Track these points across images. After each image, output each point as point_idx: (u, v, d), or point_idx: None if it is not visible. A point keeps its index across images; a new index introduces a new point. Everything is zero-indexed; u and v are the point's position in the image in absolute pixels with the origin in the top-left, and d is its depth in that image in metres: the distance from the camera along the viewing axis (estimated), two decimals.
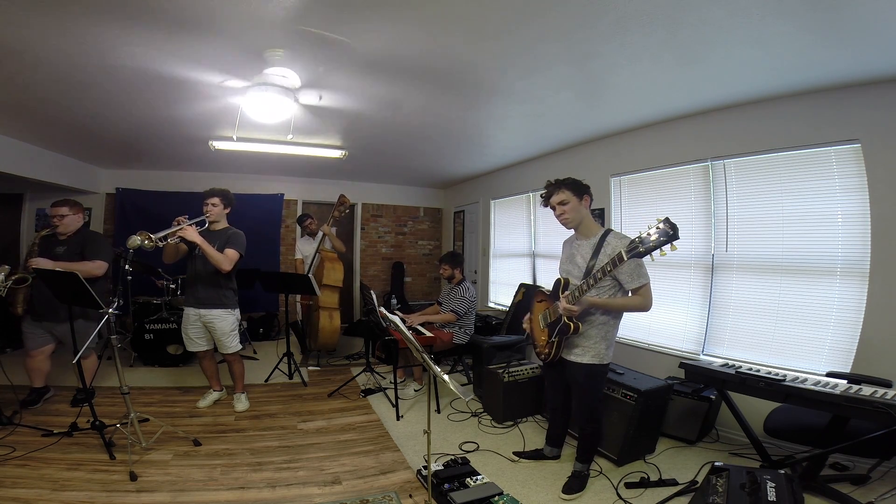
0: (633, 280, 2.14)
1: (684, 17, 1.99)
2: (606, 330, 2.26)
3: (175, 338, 4.26)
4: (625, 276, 2.15)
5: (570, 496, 2.30)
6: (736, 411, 2.47)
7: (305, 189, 6.61)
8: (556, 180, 2.34)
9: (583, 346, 2.27)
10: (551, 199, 2.34)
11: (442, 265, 4.15)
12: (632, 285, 2.15)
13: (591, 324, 2.25)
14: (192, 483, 2.31)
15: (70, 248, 3.11)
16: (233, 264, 3.11)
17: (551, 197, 2.33)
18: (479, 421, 3.28)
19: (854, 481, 2.29)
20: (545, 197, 2.38)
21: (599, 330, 2.25)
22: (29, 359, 3.15)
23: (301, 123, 3.64)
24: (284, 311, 4.54)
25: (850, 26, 1.97)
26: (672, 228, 1.74)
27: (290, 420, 3.23)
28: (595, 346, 2.25)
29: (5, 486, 2.17)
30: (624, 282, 2.16)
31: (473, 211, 6.64)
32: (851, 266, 2.59)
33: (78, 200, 3.28)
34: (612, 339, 2.31)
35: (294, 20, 2.10)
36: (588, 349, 2.26)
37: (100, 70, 2.66)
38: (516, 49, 2.38)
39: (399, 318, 2.77)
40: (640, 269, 2.15)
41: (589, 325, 2.25)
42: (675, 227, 1.74)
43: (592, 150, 4.23)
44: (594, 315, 2.25)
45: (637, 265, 2.13)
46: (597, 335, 2.25)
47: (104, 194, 5.87)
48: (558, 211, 2.32)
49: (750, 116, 3.01)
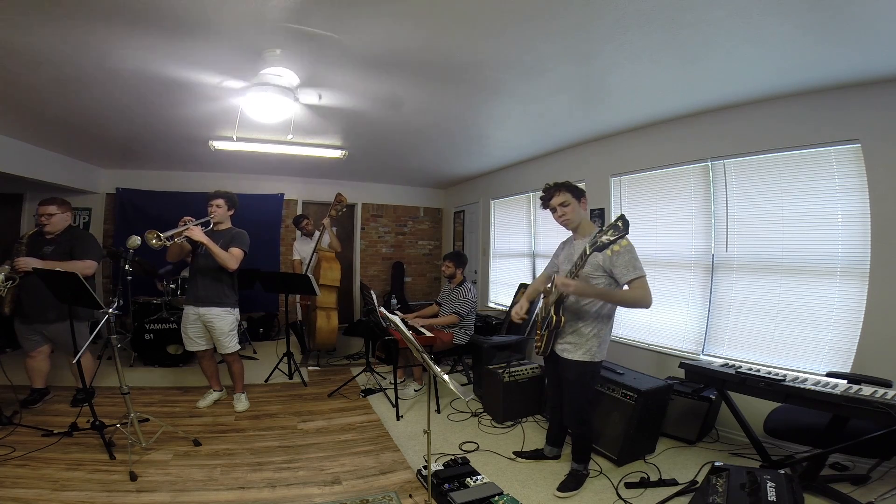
0: (627, 273, 2.14)
1: (684, 17, 1.99)
2: (599, 327, 2.28)
3: (175, 338, 4.26)
4: (619, 270, 2.15)
5: (564, 494, 2.30)
6: (736, 411, 2.47)
7: (305, 189, 6.61)
8: (556, 183, 2.38)
9: (575, 342, 2.30)
10: (552, 201, 2.37)
11: (445, 262, 4.13)
12: (626, 278, 2.15)
13: (583, 320, 2.28)
14: (192, 483, 2.31)
15: (58, 247, 3.07)
16: (238, 262, 3.14)
17: (551, 199, 2.36)
18: (479, 421, 3.28)
19: (854, 481, 2.28)
20: (544, 199, 2.41)
21: (592, 327, 2.27)
22: (29, 359, 3.15)
23: (301, 123, 3.65)
24: (284, 311, 4.54)
25: (850, 26, 1.97)
26: (624, 225, 1.92)
27: (290, 420, 3.23)
28: (587, 342, 2.27)
29: (5, 486, 2.17)
30: (619, 276, 2.16)
31: (473, 211, 6.64)
32: (851, 266, 2.59)
33: (67, 200, 3.25)
34: (606, 338, 2.32)
35: (290, 19, 2.10)
36: (580, 346, 2.28)
37: (99, 72, 2.68)
38: (516, 49, 2.38)
39: (399, 318, 2.77)
40: (634, 263, 2.14)
41: (581, 321, 2.28)
42: (626, 224, 1.93)
43: (592, 150, 4.23)
44: (588, 311, 2.27)
45: (630, 258, 2.14)
46: (589, 332, 2.27)
47: (104, 194, 5.87)
48: (559, 212, 2.35)
49: (750, 116, 3.01)
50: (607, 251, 2.00)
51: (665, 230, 3.65)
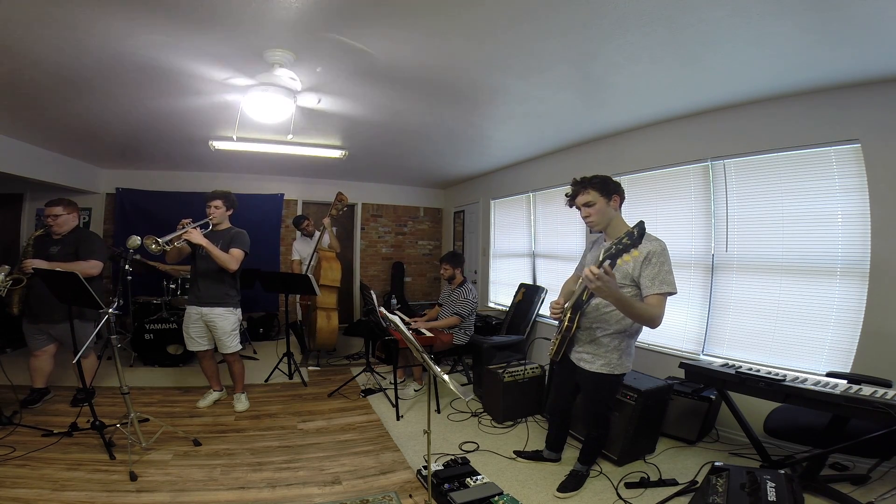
0: (652, 285, 1.95)
1: (684, 17, 1.99)
2: (621, 339, 2.14)
3: (175, 338, 4.26)
4: (646, 281, 1.97)
5: (564, 494, 2.30)
6: (736, 411, 2.47)
7: (305, 189, 6.61)
8: (583, 178, 2.17)
9: (593, 353, 2.18)
10: (577, 200, 2.18)
11: (443, 265, 4.14)
12: (649, 290, 1.95)
13: (603, 330, 2.14)
14: (192, 483, 2.31)
15: (64, 247, 3.09)
16: (239, 263, 3.14)
17: (577, 197, 2.18)
18: (479, 421, 3.28)
19: (854, 481, 2.29)
20: (570, 196, 2.21)
21: (613, 338, 2.13)
22: (33, 359, 3.15)
23: (301, 123, 3.65)
24: (284, 311, 4.54)
25: (850, 26, 1.97)
26: (639, 234, 1.73)
27: (290, 420, 3.23)
28: (607, 354, 2.14)
29: (5, 486, 2.17)
30: (644, 286, 1.97)
31: (473, 211, 6.64)
32: (851, 266, 2.59)
33: (74, 200, 3.26)
34: (629, 350, 2.17)
35: (297, 22, 2.11)
36: (599, 357, 2.16)
37: (100, 65, 2.61)
38: (516, 49, 2.38)
39: (399, 318, 2.77)
40: (664, 276, 1.93)
41: (601, 330, 2.15)
42: (642, 232, 1.74)
43: (592, 150, 4.23)
44: (608, 320, 2.12)
45: (662, 271, 1.93)
46: (610, 343, 2.14)
47: (104, 194, 5.87)
48: (584, 213, 2.17)
49: (750, 116, 3.01)
50: (635, 254, 1.74)
51: (665, 230, 3.63)
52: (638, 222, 1.75)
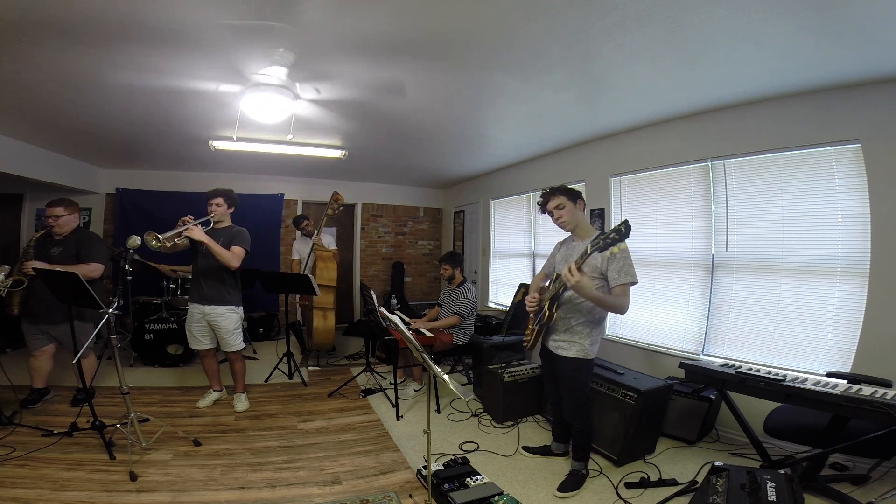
0: (619, 277, 2.18)
1: (684, 16, 1.99)
2: (591, 327, 2.34)
3: (175, 338, 4.27)
4: (613, 273, 2.20)
5: (564, 494, 2.31)
6: (736, 411, 2.47)
7: (305, 189, 6.61)
8: (551, 188, 2.48)
9: (568, 340, 2.37)
10: (548, 205, 2.45)
11: (442, 265, 4.14)
12: (616, 282, 2.19)
13: (576, 318, 2.35)
14: (192, 483, 2.31)
15: (65, 249, 3.08)
16: (240, 261, 3.14)
17: (548, 203, 2.45)
18: (479, 421, 3.28)
19: (854, 481, 2.29)
20: (542, 204, 2.48)
21: (585, 326, 2.34)
22: (32, 358, 3.15)
23: (301, 123, 3.64)
24: (284, 311, 4.54)
25: (850, 26, 1.97)
26: (626, 230, 1.96)
27: (290, 420, 3.23)
28: (580, 340, 2.34)
29: (5, 486, 2.17)
30: (611, 279, 2.21)
31: (473, 211, 6.64)
32: (851, 266, 2.59)
33: (75, 200, 3.25)
34: (597, 337, 2.39)
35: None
36: (573, 343, 2.35)
37: (99, 77, 2.69)
38: (517, 49, 2.38)
39: (399, 318, 2.77)
40: (628, 269, 2.18)
41: (574, 319, 2.35)
42: (629, 228, 1.96)
43: (592, 150, 4.23)
44: (580, 309, 2.33)
45: (625, 264, 2.18)
46: (582, 331, 2.34)
47: (104, 194, 5.87)
48: (556, 215, 2.43)
49: (750, 116, 3.01)
50: (606, 252, 2.03)
51: (665, 230, 3.65)
52: (623, 220, 1.98)
